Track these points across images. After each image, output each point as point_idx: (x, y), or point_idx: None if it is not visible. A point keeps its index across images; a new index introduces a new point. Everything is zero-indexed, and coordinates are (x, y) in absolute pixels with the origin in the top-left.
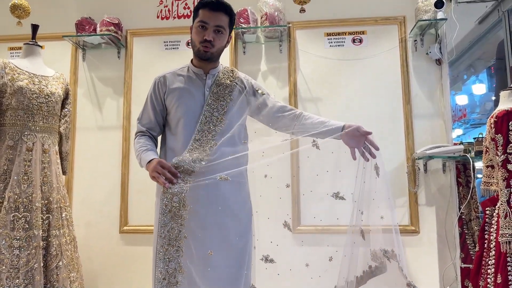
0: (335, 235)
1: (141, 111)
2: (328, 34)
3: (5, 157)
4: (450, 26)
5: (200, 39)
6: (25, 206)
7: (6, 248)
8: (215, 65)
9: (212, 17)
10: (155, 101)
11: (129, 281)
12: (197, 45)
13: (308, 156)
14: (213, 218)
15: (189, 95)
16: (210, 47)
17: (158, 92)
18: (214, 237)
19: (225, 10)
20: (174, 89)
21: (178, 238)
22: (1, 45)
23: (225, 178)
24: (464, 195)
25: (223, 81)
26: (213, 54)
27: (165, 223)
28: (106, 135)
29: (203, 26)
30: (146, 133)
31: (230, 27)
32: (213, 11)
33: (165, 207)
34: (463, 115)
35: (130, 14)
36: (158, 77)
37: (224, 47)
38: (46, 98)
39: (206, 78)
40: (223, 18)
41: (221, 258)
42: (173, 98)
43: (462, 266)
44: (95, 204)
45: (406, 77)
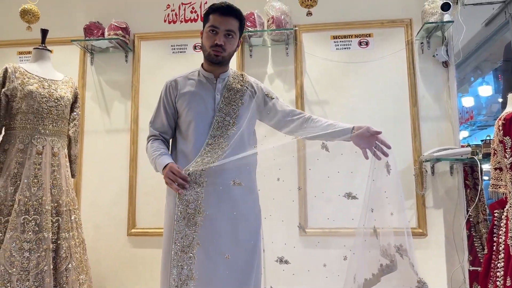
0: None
1: (153, 114)
2: (335, 37)
3: (16, 160)
4: (456, 28)
5: (211, 44)
6: (35, 209)
7: (17, 251)
8: (225, 69)
9: (223, 21)
10: (166, 105)
11: (137, 283)
12: (207, 50)
13: (318, 158)
14: (227, 223)
15: (200, 99)
16: (221, 51)
17: (169, 95)
18: (229, 241)
19: (235, 14)
20: (184, 93)
21: (192, 245)
22: (11, 49)
23: (239, 183)
24: (471, 197)
25: (234, 86)
26: (224, 58)
27: (179, 230)
28: (114, 138)
29: (214, 31)
30: (159, 137)
31: (240, 31)
32: (223, 15)
33: (180, 214)
34: (469, 117)
35: (138, 18)
36: (170, 81)
37: (235, 51)
38: (56, 102)
39: (217, 82)
40: (233, 22)
41: (237, 261)
42: (183, 102)
43: (470, 269)
44: (103, 207)
45: (413, 79)
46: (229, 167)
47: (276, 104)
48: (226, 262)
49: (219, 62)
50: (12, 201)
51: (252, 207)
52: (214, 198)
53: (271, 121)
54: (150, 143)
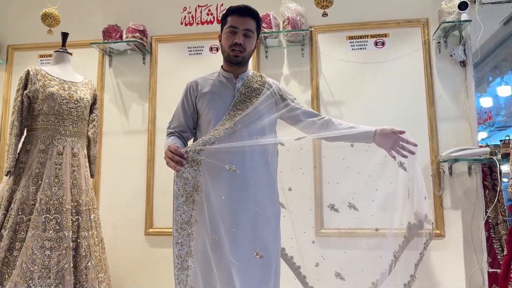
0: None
1: (172, 116)
2: (350, 37)
3: (37, 160)
4: (474, 27)
5: (230, 43)
6: (56, 208)
7: (38, 249)
8: (244, 69)
9: (241, 21)
10: (186, 105)
11: (154, 283)
12: (227, 50)
13: (343, 158)
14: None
15: (219, 98)
16: (241, 50)
17: (189, 96)
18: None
19: (252, 15)
20: (205, 93)
21: (190, 222)
22: (32, 52)
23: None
24: (490, 198)
25: (251, 84)
26: (244, 58)
27: (178, 207)
28: (132, 139)
29: (233, 31)
30: (175, 133)
31: (257, 32)
32: (241, 16)
33: (178, 191)
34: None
35: (155, 21)
36: (190, 82)
37: (253, 51)
38: (76, 103)
39: (236, 81)
40: (251, 22)
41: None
42: (204, 102)
43: (489, 270)
44: (121, 207)
45: (430, 79)
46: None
47: (297, 105)
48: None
49: (239, 62)
50: (34, 200)
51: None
52: (213, 176)
53: (292, 122)
54: (165, 139)
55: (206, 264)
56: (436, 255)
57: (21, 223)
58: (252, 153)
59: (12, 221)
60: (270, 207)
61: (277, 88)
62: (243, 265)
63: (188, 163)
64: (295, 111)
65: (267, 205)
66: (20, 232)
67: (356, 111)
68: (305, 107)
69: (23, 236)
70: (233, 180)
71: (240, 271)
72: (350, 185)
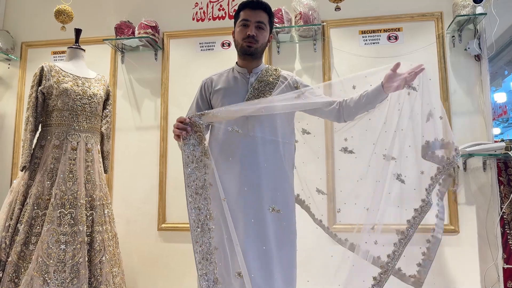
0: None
1: (186, 112)
2: (363, 31)
3: (52, 156)
4: (489, 20)
5: (243, 36)
6: (70, 203)
7: (54, 243)
8: (258, 63)
9: (253, 14)
10: (200, 102)
11: (167, 277)
12: (240, 42)
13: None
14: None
15: (232, 93)
16: (254, 42)
17: (204, 93)
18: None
19: (264, 8)
20: (219, 89)
21: (205, 186)
22: (46, 49)
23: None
24: (505, 194)
25: (265, 78)
26: (257, 50)
27: (189, 173)
28: (144, 135)
29: (245, 24)
30: None
31: (270, 25)
32: (253, 9)
33: (187, 158)
34: (503, 112)
35: (167, 16)
36: (206, 79)
37: (266, 44)
38: (89, 99)
39: (250, 76)
40: (263, 15)
41: (256, 191)
42: (218, 98)
43: (504, 266)
44: (134, 202)
45: (444, 73)
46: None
47: (313, 94)
48: (244, 192)
49: (252, 53)
50: (49, 195)
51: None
52: (217, 138)
53: (311, 111)
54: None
55: (226, 225)
56: (450, 251)
57: (37, 217)
58: (255, 118)
59: (28, 216)
60: (279, 162)
61: (293, 81)
62: (259, 221)
63: (192, 130)
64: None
65: (276, 161)
66: (36, 227)
67: None
68: (321, 96)
69: (39, 230)
70: (236, 140)
71: (256, 227)
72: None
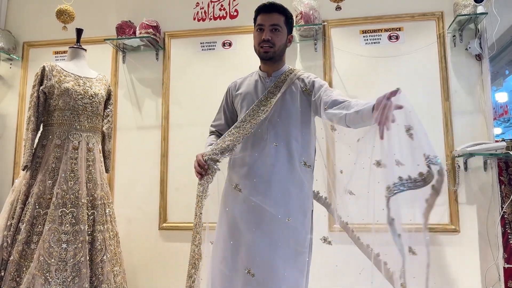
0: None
1: (215, 117)
2: (364, 31)
3: (53, 155)
4: (490, 20)
5: (259, 41)
6: (72, 202)
7: (55, 242)
8: (278, 67)
9: (266, 18)
10: (225, 106)
11: (168, 276)
12: (257, 48)
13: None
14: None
15: (251, 97)
16: (270, 46)
17: (228, 97)
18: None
19: (278, 10)
20: (239, 93)
21: (200, 224)
22: (47, 49)
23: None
24: (506, 193)
25: (280, 81)
26: (275, 53)
27: (201, 206)
28: (146, 135)
29: (261, 29)
30: (215, 132)
31: (287, 26)
32: (267, 13)
33: (197, 195)
34: (504, 112)
35: (168, 16)
36: (231, 83)
37: (285, 46)
38: (91, 99)
39: (269, 80)
40: (277, 17)
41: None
42: (238, 102)
43: (505, 266)
44: (136, 202)
45: (445, 73)
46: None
47: (319, 94)
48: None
49: (270, 58)
50: (50, 195)
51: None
52: (223, 189)
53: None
54: (207, 138)
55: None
56: (451, 251)
57: (38, 216)
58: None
59: (29, 215)
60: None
61: (310, 82)
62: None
63: (209, 171)
64: (317, 102)
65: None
66: (37, 226)
67: None
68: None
69: (40, 229)
70: (238, 199)
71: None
72: None
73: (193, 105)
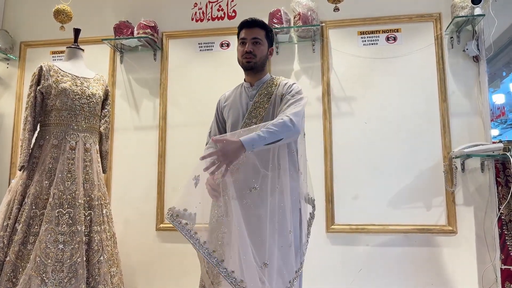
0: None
1: (210, 125)
2: (362, 32)
3: (50, 155)
4: (488, 22)
5: (242, 53)
6: (68, 202)
7: (52, 243)
8: (260, 76)
9: (248, 32)
10: (217, 117)
11: (166, 277)
12: (241, 59)
13: None
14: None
15: (235, 107)
16: (252, 57)
17: (218, 108)
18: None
19: (259, 25)
20: (226, 104)
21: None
22: (44, 49)
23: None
24: (503, 195)
25: (265, 91)
26: (256, 63)
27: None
28: (143, 135)
29: (243, 42)
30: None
31: (268, 39)
32: (248, 28)
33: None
34: (501, 113)
35: (166, 17)
36: (221, 96)
37: (267, 57)
38: (88, 99)
39: (252, 89)
40: (258, 31)
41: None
42: (226, 111)
43: (502, 267)
44: (133, 202)
45: (442, 74)
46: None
47: (286, 104)
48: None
49: (252, 67)
50: (47, 195)
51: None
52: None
53: None
54: (205, 150)
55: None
56: (448, 252)
57: (35, 217)
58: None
59: (26, 215)
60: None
61: (282, 89)
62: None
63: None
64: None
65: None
66: (34, 226)
67: (367, 107)
68: (285, 108)
69: (37, 230)
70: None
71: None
72: None
73: (190, 106)
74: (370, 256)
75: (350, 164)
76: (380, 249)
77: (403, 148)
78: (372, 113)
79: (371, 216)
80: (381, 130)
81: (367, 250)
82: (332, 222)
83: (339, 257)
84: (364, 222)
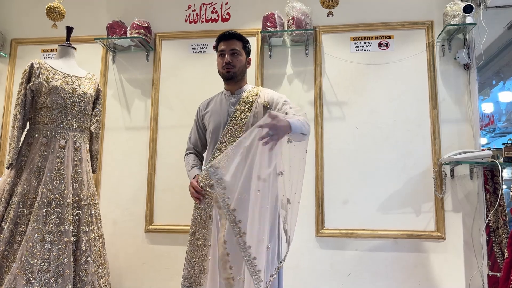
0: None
1: (190, 131)
2: (355, 38)
3: (39, 154)
4: (479, 31)
5: (221, 65)
6: (57, 202)
7: (39, 242)
8: (241, 85)
9: (227, 44)
10: (197, 123)
11: (154, 279)
12: (221, 70)
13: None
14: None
15: (216, 113)
16: (231, 67)
17: (198, 115)
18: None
19: (236, 37)
20: (207, 111)
21: (204, 245)
22: (35, 47)
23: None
24: (491, 202)
25: (246, 99)
26: (235, 73)
27: (194, 232)
28: (134, 136)
29: (222, 54)
30: (193, 151)
31: (245, 50)
32: (226, 40)
33: (195, 219)
34: (490, 122)
35: (160, 17)
36: (201, 103)
37: (245, 67)
38: (79, 98)
39: (232, 97)
40: (236, 43)
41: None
42: (206, 119)
43: (489, 274)
44: (122, 203)
45: (433, 81)
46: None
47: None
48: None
49: (231, 77)
50: (35, 194)
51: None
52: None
53: None
54: (185, 156)
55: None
56: (436, 258)
57: (22, 216)
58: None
59: (12, 214)
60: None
61: (265, 98)
62: None
63: (206, 196)
64: None
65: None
66: (21, 225)
67: (359, 112)
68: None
69: (24, 229)
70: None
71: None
72: None
73: (182, 107)
74: (359, 260)
75: (340, 168)
76: (369, 254)
77: (393, 154)
78: (363, 118)
79: (361, 221)
80: (372, 135)
81: (357, 254)
82: (322, 226)
83: (328, 261)
84: (353, 226)
